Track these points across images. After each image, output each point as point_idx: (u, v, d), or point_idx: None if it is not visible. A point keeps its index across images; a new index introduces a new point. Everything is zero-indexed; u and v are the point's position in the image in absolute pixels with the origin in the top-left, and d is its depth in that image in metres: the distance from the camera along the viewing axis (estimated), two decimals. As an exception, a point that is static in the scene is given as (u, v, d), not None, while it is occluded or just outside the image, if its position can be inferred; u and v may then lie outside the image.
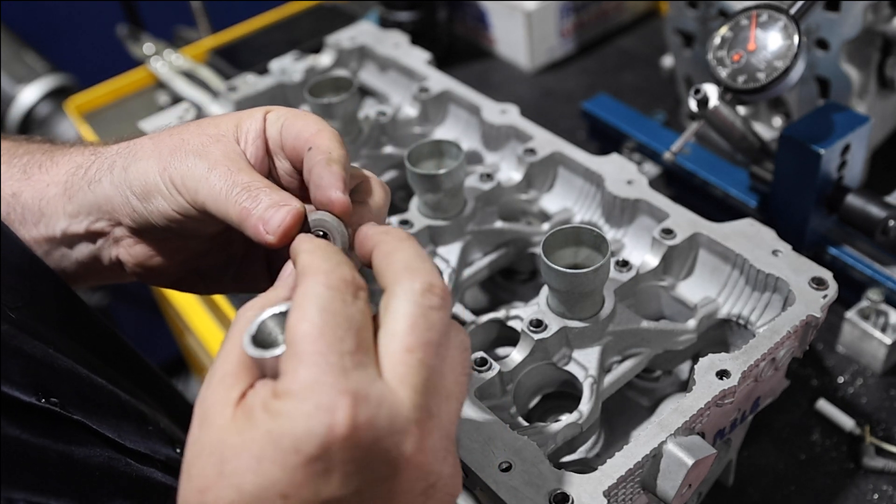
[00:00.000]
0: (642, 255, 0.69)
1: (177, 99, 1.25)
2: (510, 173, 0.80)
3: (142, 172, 0.55)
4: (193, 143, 0.54)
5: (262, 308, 0.44)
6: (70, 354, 0.58)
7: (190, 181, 0.53)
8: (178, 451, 0.65)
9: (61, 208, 0.60)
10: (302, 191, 0.55)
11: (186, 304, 1.23)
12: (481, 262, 0.74)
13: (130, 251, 0.60)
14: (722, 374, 0.56)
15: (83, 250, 0.62)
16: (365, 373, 0.39)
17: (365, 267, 0.48)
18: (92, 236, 0.60)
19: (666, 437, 0.53)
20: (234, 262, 0.62)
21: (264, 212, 0.50)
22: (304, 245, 0.45)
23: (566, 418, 0.58)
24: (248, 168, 0.53)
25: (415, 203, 0.73)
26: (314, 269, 0.42)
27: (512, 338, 0.65)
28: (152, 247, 0.60)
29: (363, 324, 0.41)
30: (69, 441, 0.54)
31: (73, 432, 0.55)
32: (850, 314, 0.79)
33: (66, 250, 0.62)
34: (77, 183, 0.59)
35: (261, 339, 0.42)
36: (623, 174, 0.73)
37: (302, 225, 0.50)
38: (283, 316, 0.42)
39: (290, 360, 0.39)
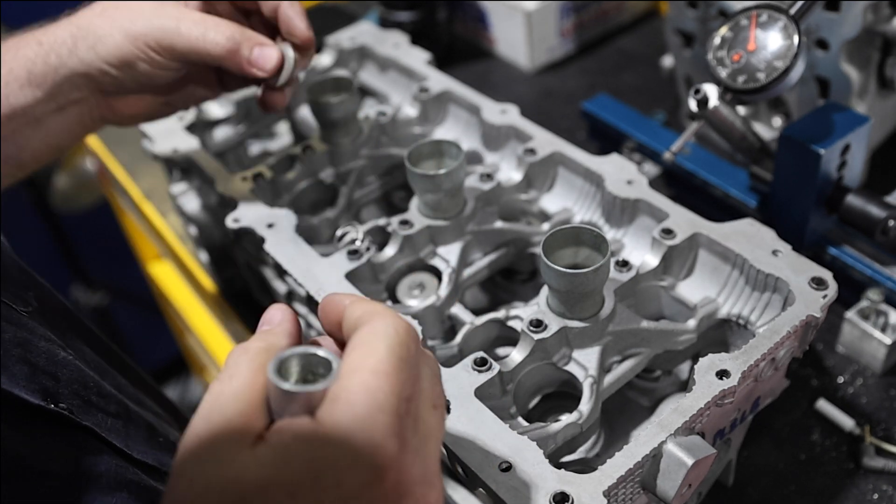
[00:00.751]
0: (642, 255, 0.69)
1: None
2: (510, 173, 0.80)
3: (114, 47, 0.65)
4: (147, 8, 0.66)
5: (258, 351, 0.42)
6: (79, 360, 0.58)
7: (164, 40, 0.65)
8: None
9: (28, 95, 0.66)
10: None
11: (186, 304, 1.23)
12: (481, 262, 0.74)
13: (111, 107, 0.71)
14: (722, 374, 0.56)
15: (55, 123, 0.69)
16: (411, 422, 0.40)
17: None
18: (65, 109, 0.69)
19: (666, 437, 0.53)
20: (190, 79, 0.73)
21: (250, 53, 0.67)
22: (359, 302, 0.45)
23: (566, 418, 0.58)
24: (205, 14, 0.67)
25: (415, 203, 0.73)
26: (383, 313, 0.43)
27: (512, 338, 0.65)
28: (129, 99, 0.71)
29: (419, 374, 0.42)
30: (77, 448, 0.54)
31: (82, 440, 0.55)
32: (850, 314, 0.79)
33: (30, 130, 0.69)
34: (39, 71, 0.66)
35: (284, 375, 0.40)
36: (623, 174, 0.73)
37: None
38: (305, 357, 0.41)
39: (344, 391, 0.39)
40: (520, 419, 0.61)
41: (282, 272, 0.71)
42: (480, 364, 0.59)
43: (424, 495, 0.39)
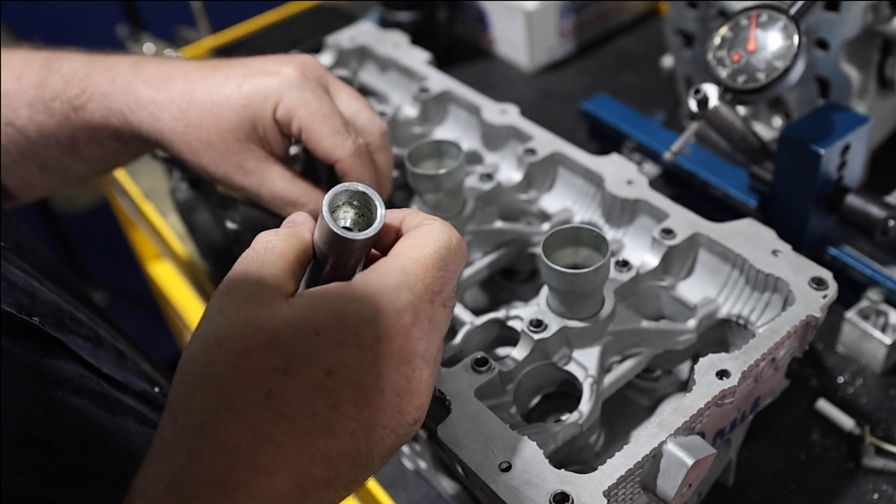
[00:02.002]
0: (642, 255, 0.69)
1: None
2: (510, 173, 0.80)
3: (192, 160, 0.68)
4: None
5: (287, 234, 0.48)
6: (54, 293, 0.60)
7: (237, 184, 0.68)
8: (156, 389, 0.66)
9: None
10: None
11: (186, 304, 1.23)
12: (481, 262, 0.74)
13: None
14: (722, 374, 0.56)
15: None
16: (429, 309, 0.46)
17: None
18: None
19: (666, 436, 0.53)
20: None
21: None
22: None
23: (566, 418, 0.58)
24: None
25: (415, 203, 0.73)
26: (444, 222, 0.49)
27: (512, 338, 0.65)
28: None
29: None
30: (42, 353, 0.55)
31: (48, 347, 0.56)
32: (850, 314, 0.79)
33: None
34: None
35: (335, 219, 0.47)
36: (623, 174, 0.73)
37: None
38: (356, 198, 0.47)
39: (384, 265, 0.46)
40: (520, 419, 0.61)
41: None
42: (480, 364, 0.59)
43: (421, 369, 0.45)
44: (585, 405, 0.59)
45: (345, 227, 0.46)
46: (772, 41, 0.73)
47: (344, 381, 0.42)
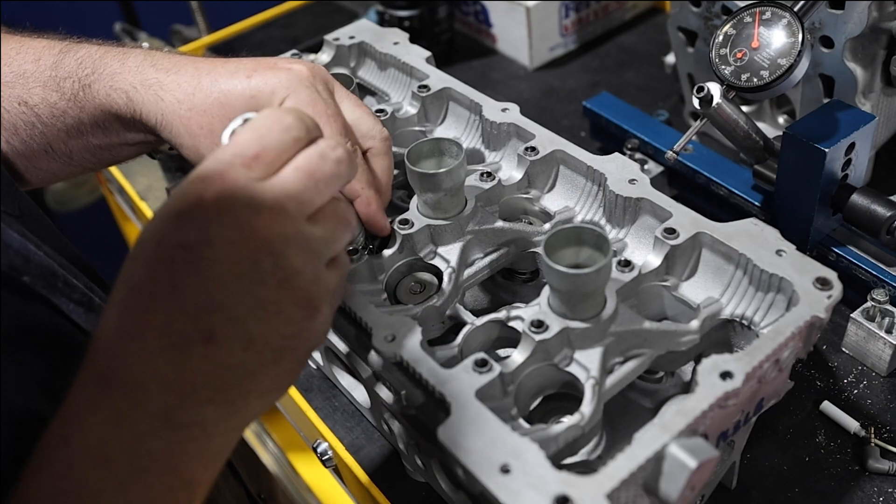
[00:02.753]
0: (644, 254, 0.68)
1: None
2: (511, 172, 0.80)
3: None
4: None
5: None
6: (52, 259, 0.60)
7: None
8: None
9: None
10: None
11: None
12: (482, 262, 0.73)
13: None
14: (725, 375, 0.55)
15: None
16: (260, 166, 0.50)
17: None
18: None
19: (669, 438, 0.52)
20: None
21: None
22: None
23: (568, 420, 0.58)
24: None
25: (415, 202, 0.73)
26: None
27: (513, 339, 0.64)
28: None
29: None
30: (35, 312, 0.56)
31: (41, 310, 0.57)
32: (855, 315, 0.78)
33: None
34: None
35: None
36: (625, 173, 0.73)
37: None
38: None
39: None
40: (521, 421, 0.60)
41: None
42: (481, 365, 0.58)
43: (248, 217, 0.47)
44: (587, 407, 0.58)
45: None
46: (775, 39, 0.73)
47: (172, 246, 0.47)
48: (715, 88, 0.75)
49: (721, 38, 0.76)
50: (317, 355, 0.84)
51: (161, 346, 0.45)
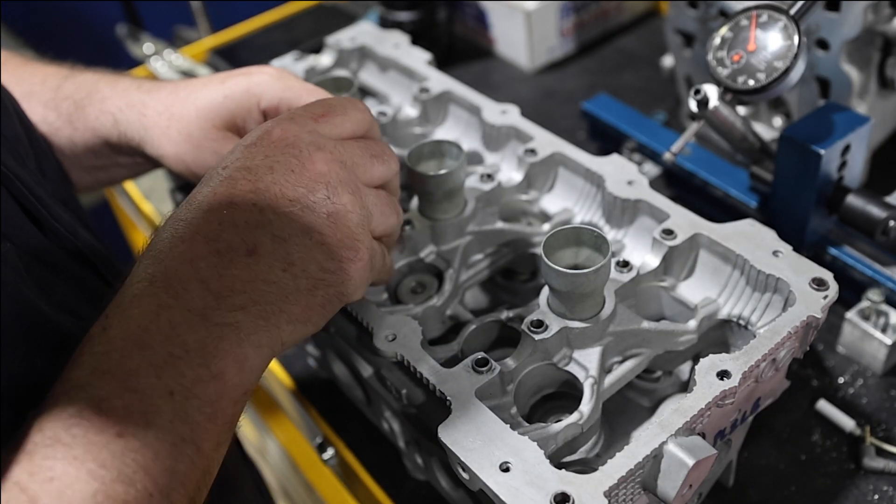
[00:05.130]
0: (643, 255, 0.69)
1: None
2: (510, 174, 0.80)
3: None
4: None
5: None
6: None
7: None
8: None
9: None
10: None
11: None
12: (482, 263, 0.74)
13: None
14: (722, 374, 0.56)
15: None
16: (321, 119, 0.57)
17: None
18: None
19: (666, 437, 0.52)
20: None
21: None
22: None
23: (567, 419, 0.58)
24: None
25: (415, 203, 0.73)
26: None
27: (512, 338, 0.65)
28: None
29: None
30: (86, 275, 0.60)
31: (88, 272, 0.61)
32: (851, 315, 0.79)
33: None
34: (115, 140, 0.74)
35: None
36: (623, 174, 0.73)
37: None
38: None
39: None
40: (520, 420, 0.61)
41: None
42: (481, 365, 0.59)
43: (310, 151, 0.53)
44: (586, 406, 0.59)
45: None
46: (772, 41, 0.73)
47: (237, 168, 0.52)
48: (712, 91, 0.76)
49: (718, 40, 0.76)
50: (318, 354, 0.84)
51: (207, 250, 0.49)
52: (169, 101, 0.70)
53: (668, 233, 0.67)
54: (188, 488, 0.45)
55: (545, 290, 0.63)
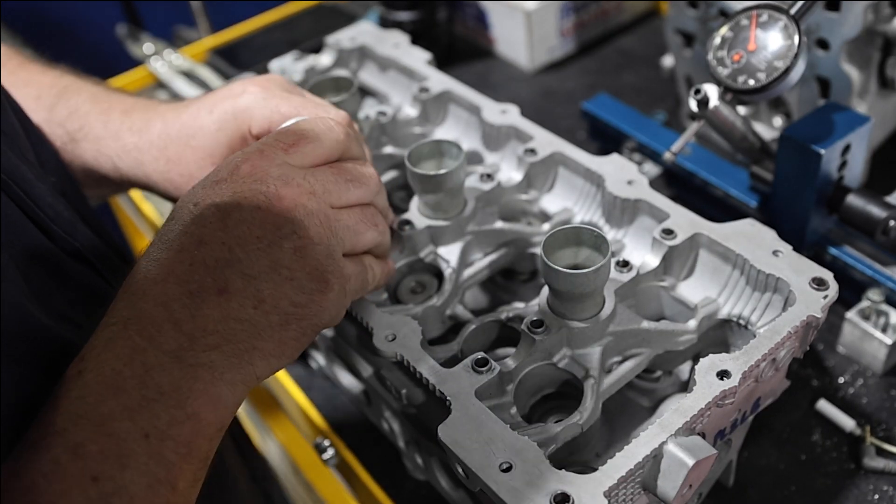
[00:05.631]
0: (643, 255, 0.69)
1: (177, 99, 1.24)
2: (510, 173, 0.80)
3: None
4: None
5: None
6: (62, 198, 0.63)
7: None
8: None
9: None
10: None
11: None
12: (481, 263, 0.74)
13: None
14: (722, 374, 0.56)
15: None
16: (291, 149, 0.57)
17: None
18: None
19: (666, 437, 0.52)
20: None
21: None
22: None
23: (567, 419, 0.58)
24: None
25: (415, 203, 0.73)
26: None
27: (512, 338, 0.65)
28: None
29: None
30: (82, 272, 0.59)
31: (85, 269, 0.60)
32: (851, 314, 0.79)
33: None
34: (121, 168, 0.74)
35: None
36: (623, 174, 0.73)
37: None
38: None
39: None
40: (520, 420, 0.61)
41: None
42: (481, 364, 0.59)
43: (278, 187, 0.53)
44: (586, 406, 0.59)
45: None
46: (772, 41, 0.73)
47: (206, 206, 0.52)
48: (712, 90, 0.76)
49: (718, 40, 0.76)
50: (318, 355, 0.84)
51: (180, 291, 0.49)
52: (162, 144, 0.70)
53: (668, 232, 0.67)
54: None
55: (545, 290, 0.63)
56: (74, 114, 0.74)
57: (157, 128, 0.71)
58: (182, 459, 0.46)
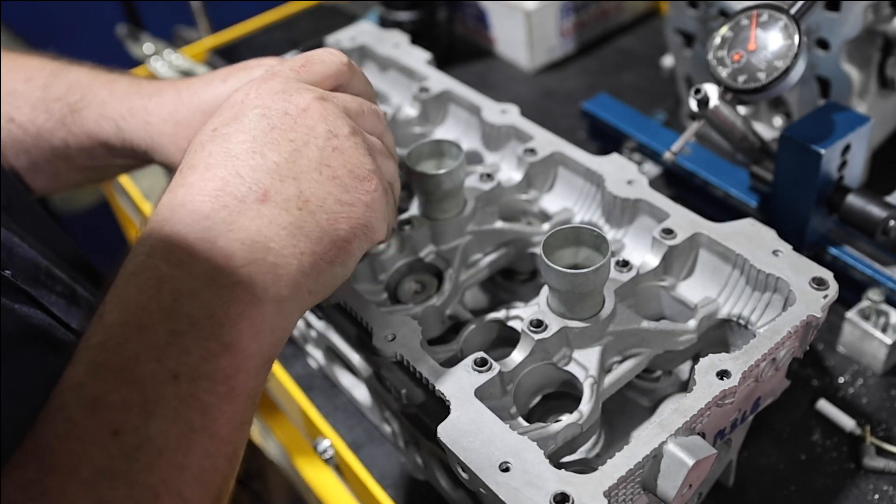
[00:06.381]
0: (642, 255, 0.69)
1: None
2: (510, 173, 0.80)
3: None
4: None
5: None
6: (35, 251, 0.60)
7: None
8: None
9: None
10: None
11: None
12: (481, 262, 0.74)
13: None
14: (722, 374, 0.56)
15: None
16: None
17: None
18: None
19: (666, 437, 0.52)
20: None
21: None
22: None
23: (566, 418, 0.58)
24: None
25: (415, 203, 0.73)
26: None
27: (512, 338, 0.65)
28: None
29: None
30: (12, 300, 0.54)
31: (17, 296, 0.55)
32: (851, 314, 0.79)
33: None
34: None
35: None
36: (623, 174, 0.73)
37: None
38: None
39: None
40: (520, 419, 0.61)
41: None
42: (481, 364, 0.59)
43: (302, 95, 0.52)
44: (586, 405, 0.59)
45: None
46: (772, 41, 0.73)
47: (231, 124, 0.50)
48: (712, 90, 0.76)
49: (718, 40, 0.76)
50: (318, 354, 0.84)
51: (211, 206, 0.45)
52: (172, 107, 0.69)
53: (668, 232, 0.67)
54: (205, 481, 0.40)
55: (545, 290, 0.63)
56: (75, 85, 0.72)
57: (168, 93, 0.70)
58: (221, 400, 0.41)
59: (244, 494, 0.79)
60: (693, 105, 0.76)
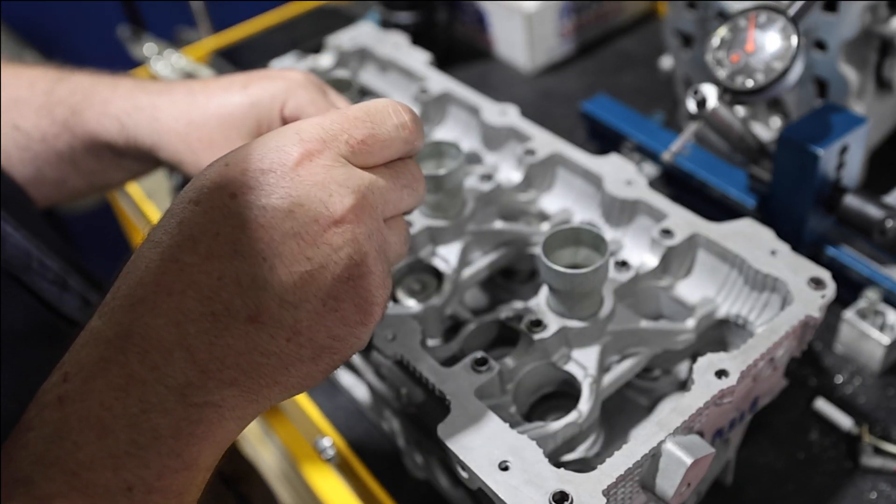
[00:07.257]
0: (641, 255, 0.69)
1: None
2: (510, 174, 0.81)
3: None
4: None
5: None
6: (29, 242, 0.60)
7: None
8: None
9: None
10: None
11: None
12: (481, 262, 0.74)
13: None
14: (721, 373, 0.56)
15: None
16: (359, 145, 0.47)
17: None
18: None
19: (665, 436, 0.53)
20: None
21: None
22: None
23: (566, 418, 0.59)
24: None
25: (415, 203, 0.74)
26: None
27: (512, 338, 0.65)
28: None
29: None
30: (4, 291, 0.54)
31: (11, 284, 0.55)
32: (848, 314, 0.79)
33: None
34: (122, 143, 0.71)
35: None
36: (622, 174, 0.73)
37: None
38: None
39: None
40: (519, 419, 0.61)
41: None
42: (480, 364, 0.59)
43: (341, 195, 0.44)
44: (585, 405, 0.59)
45: None
46: (770, 42, 0.74)
47: (247, 204, 0.42)
48: (710, 91, 0.76)
49: (716, 41, 0.76)
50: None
51: (200, 311, 0.40)
52: (185, 106, 0.66)
53: (667, 232, 0.67)
54: None
55: (544, 290, 0.63)
56: (77, 89, 0.72)
57: (180, 92, 0.67)
58: None
59: (230, 495, 0.79)
60: (691, 106, 0.77)
